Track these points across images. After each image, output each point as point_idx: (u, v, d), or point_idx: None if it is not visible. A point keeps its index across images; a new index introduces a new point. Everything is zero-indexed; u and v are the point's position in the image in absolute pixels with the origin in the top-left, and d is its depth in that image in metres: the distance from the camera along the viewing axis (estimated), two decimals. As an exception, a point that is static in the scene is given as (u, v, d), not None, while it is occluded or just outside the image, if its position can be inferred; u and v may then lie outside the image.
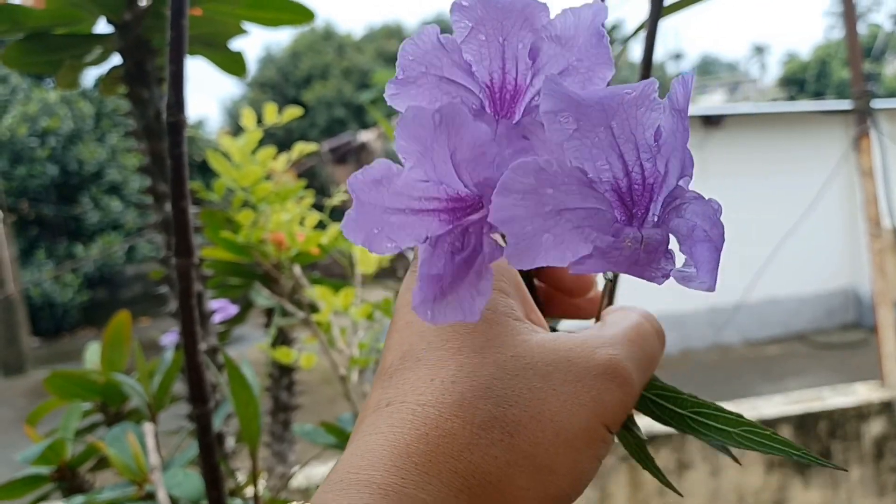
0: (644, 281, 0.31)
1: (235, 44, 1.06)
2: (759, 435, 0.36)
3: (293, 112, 1.12)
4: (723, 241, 0.29)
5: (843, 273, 8.99)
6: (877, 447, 3.59)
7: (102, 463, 1.07)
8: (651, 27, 0.76)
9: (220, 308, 1.36)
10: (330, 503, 0.30)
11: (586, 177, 0.29)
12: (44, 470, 0.97)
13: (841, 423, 3.57)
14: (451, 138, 0.29)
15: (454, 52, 0.35)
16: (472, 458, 0.31)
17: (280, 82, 19.90)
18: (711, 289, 0.30)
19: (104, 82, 1.04)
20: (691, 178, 0.30)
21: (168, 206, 1.02)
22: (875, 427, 3.59)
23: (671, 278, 0.31)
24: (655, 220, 0.30)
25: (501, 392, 0.33)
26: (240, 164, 1.01)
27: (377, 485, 0.30)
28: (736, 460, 0.41)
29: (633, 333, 0.37)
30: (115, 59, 1.03)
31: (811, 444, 3.51)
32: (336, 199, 0.97)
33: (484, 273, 0.32)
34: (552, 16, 0.34)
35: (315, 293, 0.93)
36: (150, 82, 0.97)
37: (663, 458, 3.47)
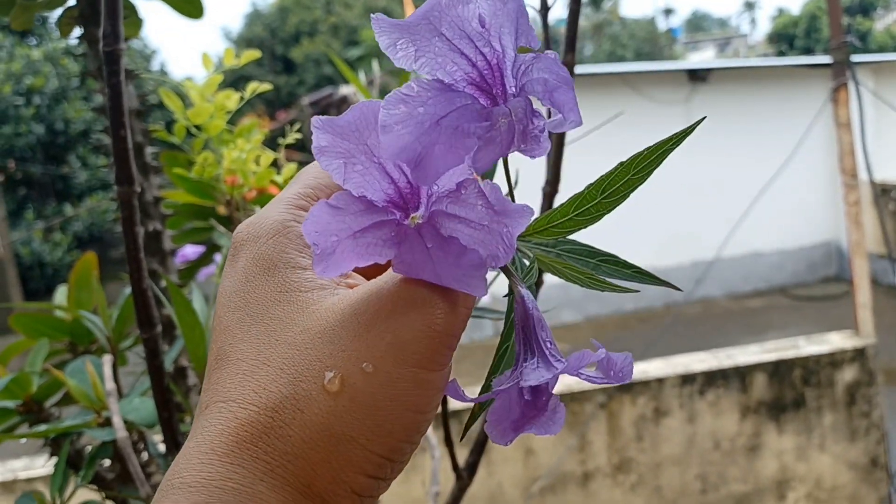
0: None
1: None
2: (615, 263, 0.41)
3: (251, 55, 1.13)
4: (571, 80, 0.32)
5: (826, 227, 9.06)
6: (849, 393, 3.67)
7: (68, 398, 1.11)
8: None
9: (193, 252, 1.39)
10: None
11: (444, 83, 0.32)
12: (9, 404, 1.00)
13: (815, 370, 3.64)
14: None
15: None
16: (269, 441, 0.32)
17: (267, 39, 19.66)
18: (580, 123, 0.33)
19: (61, 23, 1.05)
20: (537, 43, 0.33)
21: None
22: (847, 374, 3.66)
23: (547, 136, 0.33)
24: (515, 91, 0.33)
25: (293, 370, 0.33)
26: (197, 104, 1.03)
27: (187, 485, 0.32)
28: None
29: None
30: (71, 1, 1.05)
31: (786, 390, 3.58)
32: (290, 139, 1.00)
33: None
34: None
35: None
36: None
37: (640, 405, 3.54)
